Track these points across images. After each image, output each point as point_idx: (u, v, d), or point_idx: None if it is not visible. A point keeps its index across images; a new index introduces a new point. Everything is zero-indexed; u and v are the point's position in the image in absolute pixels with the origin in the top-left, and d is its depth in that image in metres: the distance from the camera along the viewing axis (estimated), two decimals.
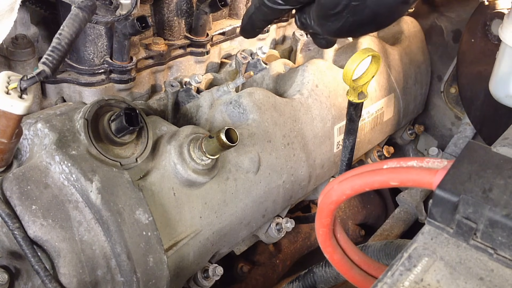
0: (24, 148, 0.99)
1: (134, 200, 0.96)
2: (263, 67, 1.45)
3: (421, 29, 1.91)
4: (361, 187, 0.73)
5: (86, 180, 0.93)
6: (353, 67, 1.08)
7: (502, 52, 1.30)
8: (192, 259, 1.12)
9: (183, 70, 1.41)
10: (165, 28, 1.35)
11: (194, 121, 1.32)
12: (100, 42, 1.18)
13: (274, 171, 1.27)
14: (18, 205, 0.90)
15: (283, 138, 1.31)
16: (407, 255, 0.61)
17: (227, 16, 1.56)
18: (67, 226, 0.92)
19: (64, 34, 0.84)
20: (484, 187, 0.61)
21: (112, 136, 0.98)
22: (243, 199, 1.20)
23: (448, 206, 0.62)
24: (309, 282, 1.26)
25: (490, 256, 0.60)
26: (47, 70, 0.82)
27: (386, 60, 1.70)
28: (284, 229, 1.38)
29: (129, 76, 1.23)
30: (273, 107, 1.31)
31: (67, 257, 0.90)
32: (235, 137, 1.02)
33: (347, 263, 0.88)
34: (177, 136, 1.09)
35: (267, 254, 1.69)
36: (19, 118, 0.83)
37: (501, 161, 0.65)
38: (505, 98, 1.35)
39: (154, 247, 0.97)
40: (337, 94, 1.47)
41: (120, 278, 0.95)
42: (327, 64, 1.49)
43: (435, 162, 0.69)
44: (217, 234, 1.17)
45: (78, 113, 0.99)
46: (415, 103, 1.89)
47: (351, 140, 1.28)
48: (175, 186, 1.07)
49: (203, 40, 1.39)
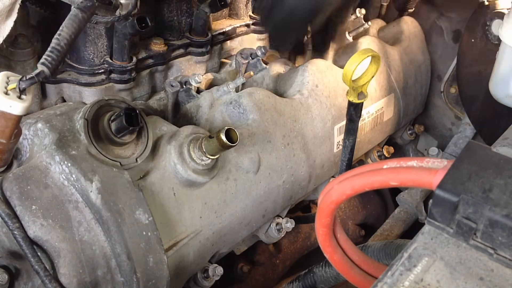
0: (24, 148, 0.99)
1: (134, 200, 0.96)
2: (263, 67, 1.45)
3: (421, 29, 1.91)
4: (361, 187, 0.73)
5: (86, 180, 0.93)
6: (352, 67, 1.08)
7: (502, 52, 1.30)
8: (192, 259, 1.12)
9: (183, 70, 1.41)
10: (165, 28, 1.35)
11: (194, 121, 1.32)
12: (100, 42, 1.18)
13: (274, 171, 1.27)
14: (18, 205, 0.90)
15: (283, 138, 1.30)
16: (407, 255, 0.61)
17: (227, 16, 1.56)
18: (67, 226, 0.92)
19: (63, 34, 0.84)
20: (484, 187, 0.61)
21: (112, 136, 0.98)
22: (243, 199, 1.20)
23: (448, 206, 0.62)
24: (309, 282, 1.26)
25: (490, 256, 0.60)
26: (46, 70, 0.82)
27: (386, 60, 1.70)
28: (284, 229, 1.37)
29: (129, 76, 1.23)
30: (273, 107, 1.31)
31: (67, 257, 0.90)
32: (235, 137, 1.02)
33: (347, 263, 0.88)
34: (177, 136, 1.09)
35: (267, 254, 1.69)
36: (18, 118, 0.83)
37: (501, 161, 0.65)
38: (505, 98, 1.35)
39: (154, 247, 0.97)
40: (337, 94, 1.47)
41: (120, 278, 0.95)
42: (327, 64, 1.49)
43: (435, 162, 0.69)
44: (217, 234, 1.17)
45: (78, 113, 0.99)
46: (415, 103, 1.89)
47: (351, 140, 1.28)
48: (175, 186, 1.07)
49: (203, 40, 1.39)
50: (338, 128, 1.47)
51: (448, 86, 1.93)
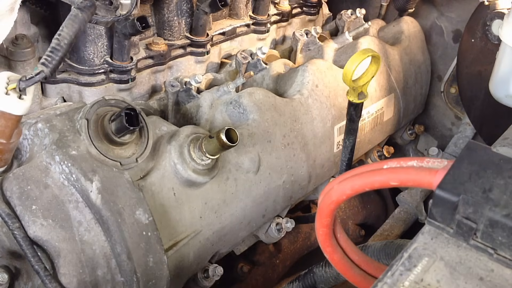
0: (24, 148, 0.99)
1: (134, 200, 0.96)
2: (263, 67, 1.45)
3: (421, 29, 1.91)
4: (361, 187, 0.73)
5: (86, 180, 0.93)
6: (353, 67, 1.08)
7: (502, 52, 1.30)
8: (192, 259, 1.12)
9: (183, 70, 1.41)
10: (165, 28, 1.35)
11: (194, 121, 1.32)
12: (100, 42, 1.18)
13: (274, 171, 1.27)
14: (18, 205, 0.90)
15: (283, 138, 1.30)
16: (407, 255, 0.61)
17: (227, 16, 1.56)
18: (67, 226, 0.92)
19: (63, 34, 0.84)
20: (484, 187, 0.61)
21: (112, 136, 0.98)
22: (243, 199, 1.20)
23: (448, 206, 0.62)
24: (309, 282, 1.26)
25: (490, 256, 0.60)
26: (46, 70, 0.82)
27: (386, 60, 1.70)
28: (284, 229, 1.37)
29: (129, 76, 1.23)
30: (273, 107, 1.31)
31: (67, 257, 0.90)
32: (235, 137, 1.02)
33: (347, 263, 0.88)
34: (177, 136, 1.09)
35: (267, 254, 1.69)
36: (18, 118, 0.83)
37: (501, 161, 0.65)
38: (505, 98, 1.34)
39: (154, 247, 0.97)
40: (337, 94, 1.47)
41: (120, 278, 0.95)
42: (327, 64, 1.49)
43: (435, 162, 0.69)
44: (217, 234, 1.17)
45: (78, 113, 0.99)
46: (415, 103, 1.88)
47: (351, 140, 1.28)
48: (175, 186, 1.07)
49: (203, 40, 1.39)
50: (338, 128, 1.47)
51: (448, 86, 1.93)
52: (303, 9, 1.80)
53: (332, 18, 1.95)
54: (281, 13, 1.69)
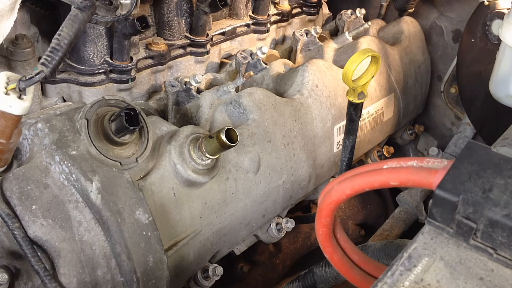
0: (24, 148, 0.99)
1: (134, 200, 0.96)
2: (263, 67, 1.45)
3: (421, 29, 1.91)
4: (361, 187, 0.73)
5: (86, 180, 0.93)
6: (353, 67, 1.08)
7: (502, 52, 1.30)
8: (192, 259, 1.12)
9: (183, 70, 1.41)
10: (165, 28, 1.35)
11: (194, 121, 1.32)
12: (100, 42, 1.18)
13: (274, 171, 1.27)
14: (18, 205, 0.90)
15: (283, 138, 1.30)
16: (407, 255, 0.61)
17: (227, 16, 1.56)
18: (67, 226, 0.92)
19: (63, 34, 0.84)
20: (484, 187, 0.61)
21: (112, 136, 0.98)
22: (243, 199, 1.20)
23: (448, 206, 0.62)
24: (309, 282, 1.26)
25: (490, 256, 0.60)
26: (46, 70, 0.82)
27: (386, 60, 1.70)
28: (284, 229, 1.37)
29: (129, 76, 1.23)
30: (273, 107, 1.31)
31: (67, 257, 0.90)
32: (235, 137, 1.02)
33: (347, 263, 0.88)
34: (177, 136, 1.09)
35: (267, 254, 1.69)
36: (18, 118, 0.83)
37: (501, 161, 0.65)
38: (505, 98, 1.35)
39: (154, 247, 0.97)
40: (337, 94, 1.47)
41: (120, 278, 0.95)
42: (327, 64, 1.49)
43: (435, 162, 0.69)
44: (217, 234, 1.17)
45: (78, 113, 0.99)
46: (415, 103, 1.88)
47: (351, 140, 1.28)
48: (175, 186, 1.07)
49: (203, 40, 1.39)
50: (338, 128, 1.47)
51: (448, 86, 1.93)
52: (303, 9, 1.80)
53: (332, 18, 1.95)
54: (281, 13, 1.69)
